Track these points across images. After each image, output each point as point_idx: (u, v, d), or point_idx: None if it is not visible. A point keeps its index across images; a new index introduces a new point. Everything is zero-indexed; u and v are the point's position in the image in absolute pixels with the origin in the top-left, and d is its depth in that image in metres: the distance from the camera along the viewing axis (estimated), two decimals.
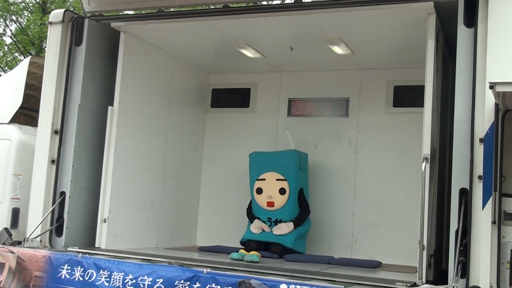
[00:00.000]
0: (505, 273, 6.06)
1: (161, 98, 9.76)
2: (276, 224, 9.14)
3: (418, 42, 7.62)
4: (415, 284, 6.34)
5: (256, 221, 9.30)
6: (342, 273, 6.98)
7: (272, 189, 9.20)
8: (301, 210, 9.25)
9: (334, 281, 6.25)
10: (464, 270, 6.12)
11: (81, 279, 6.69)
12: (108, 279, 6.54)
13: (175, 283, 6.23)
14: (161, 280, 6.30)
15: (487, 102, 6.18)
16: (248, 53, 9.44)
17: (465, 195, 6.31)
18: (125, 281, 6.43)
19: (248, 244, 8.99)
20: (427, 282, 6.54)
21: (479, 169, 6.19)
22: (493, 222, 6.03)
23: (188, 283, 6.17)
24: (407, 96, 9.56)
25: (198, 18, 8.34)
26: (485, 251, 6.03)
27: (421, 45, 7.34)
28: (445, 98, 8.11)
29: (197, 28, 8.61)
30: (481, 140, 6.21)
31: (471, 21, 6.62)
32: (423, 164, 6.79)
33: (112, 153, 8.53)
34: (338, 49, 8.89)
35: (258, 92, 10.72)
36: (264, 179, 9.31)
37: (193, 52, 9.93)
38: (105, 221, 8.39)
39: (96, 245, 8.33)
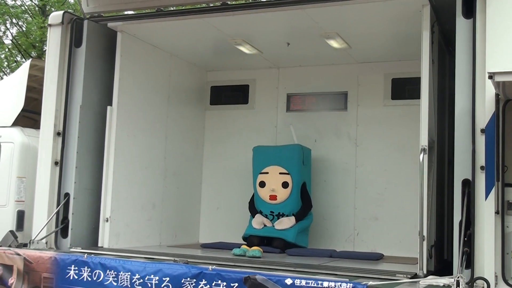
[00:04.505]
0: (509, 263, 6.05)
1: (160, 96, 9.77)
2: (278, 218, 9.14)
3: (414, 34, 7.61)
4: (416, 275, 6.36)
5: (257, 215, 9.30)
6: (343, 266, 7.01)
7: (275, 183, 9.19)
8: (304, 204, 9.26)
9: (336, 274, 6.26)
10: (468, 261, 6.14)
11: (89, 279, 6.69)
12: (115, 278, 6.54)
13: (182, 281, 6.21)
14: (168, 278, 6.29)
15: (488, 93, 6.18)
16: (245, 49, 9.46)
17: (468, 186, 6.32)
18: (133, 281, 6.42)
19: (251, 239, 9.00)
20: (428, 272, 6.56)
21: (481, 160, 6.20)
22: (497, 212, 6.04)
23: (195, 280, 6.14)
24: (405, 89, 9.57)
25: (194, 16, 8.34)
26: (489, 242, 6.04)
27: (417, 37, 7.35)
28: (443, 89, 8.15)
29: (193, 26, 8.62)
30: (482, 131, 6.22)
31: (470, 12, 6.62)
32: (421, 155, 6.79)
33: (112, 152, 8.55)
34: (334, 43, 8.92)
35: (256, 88, 10.74)
36: (267, 173, 9.30)
37: (191, 50, 9.94)
38: (107, 220, 8.41)
39: (99, 244, 8.35)
